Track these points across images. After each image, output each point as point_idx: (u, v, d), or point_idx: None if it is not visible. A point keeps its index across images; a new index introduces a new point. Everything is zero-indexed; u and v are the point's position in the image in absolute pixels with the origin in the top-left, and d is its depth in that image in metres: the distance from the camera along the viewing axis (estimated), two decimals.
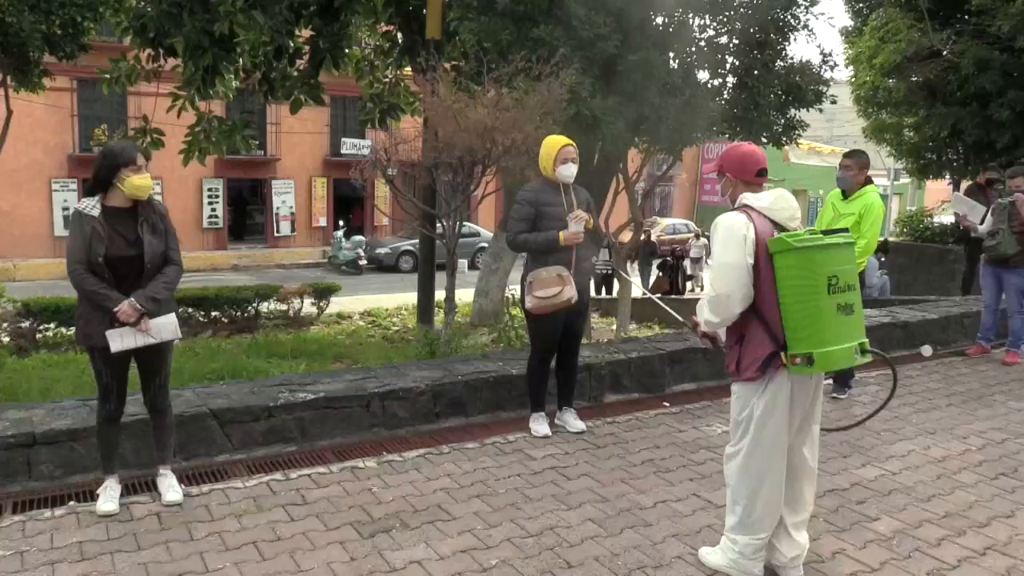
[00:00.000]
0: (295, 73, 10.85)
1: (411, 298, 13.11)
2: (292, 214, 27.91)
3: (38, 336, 10.90)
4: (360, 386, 5.17)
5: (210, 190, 26.18)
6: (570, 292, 4.81)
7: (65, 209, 23.15)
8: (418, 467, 4.51)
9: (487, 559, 3.47)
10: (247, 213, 28.17)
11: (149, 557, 3.45)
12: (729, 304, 3.15)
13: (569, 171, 4.87)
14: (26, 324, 10.88)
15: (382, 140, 8.68)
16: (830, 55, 9.92)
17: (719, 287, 3.16)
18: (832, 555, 3.55)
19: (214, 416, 4.66)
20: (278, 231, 27.74)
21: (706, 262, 21.39)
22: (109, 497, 3.90)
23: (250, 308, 12.97)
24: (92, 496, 3.99)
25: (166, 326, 3.90)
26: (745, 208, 3.24)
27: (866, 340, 3.16)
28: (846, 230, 3.31)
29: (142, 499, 4.01)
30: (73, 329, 10.81)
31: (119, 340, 3.80)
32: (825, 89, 9.73)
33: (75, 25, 10.51)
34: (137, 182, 3.77)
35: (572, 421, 5.15)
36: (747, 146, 3.43)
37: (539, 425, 5.08)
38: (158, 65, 10.86)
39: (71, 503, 3.99)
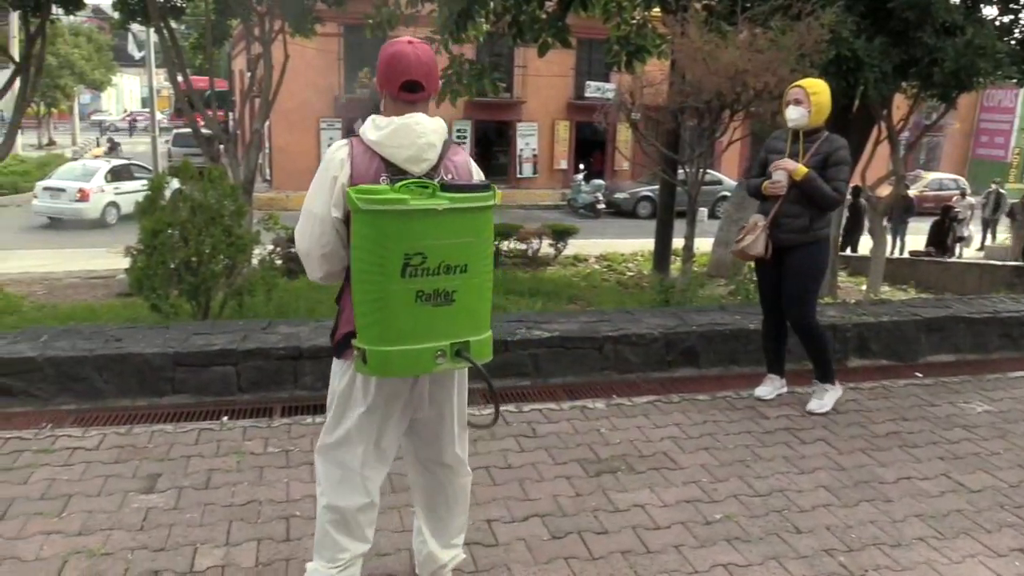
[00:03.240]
0: (544, 16, 10.94)
1: (647, 244, 13.02)
2: (535, 156, 28.54)
3: None
4: (594, 328, 5.23)
5: (459, 131, 27.31)
6: (750, 240, 4.54)
7: (330, 146, 25.18)
8: (647, 413, 4.52)
9: (711, 512, 3.43)
10: (492, 154, 29.14)
11: (392, 468, 3.71)
12: (309, 264, 2.45)
13: (790, 114, 4.47)
14: (295, 250, 12.03)
15: (627, 83, 8.58)
16: None
17: (297, 240, 2.47)
18: None
19: None
20: (520, 172, 28.50)
21: (967, 224, 19.30)
22: None
23: None
24: None
25: None
26: (355, 139, 2.41)
27: (473, 339, 2.36)
28: (478, 187, 2.36)
29: None
30: None
31: None
32: None
33: None
34: None
35: (813, 401, 4.72)
36: (401, 44, 2.39)
37: (760, 387, 4.87)
38: (416, 10, 11.39)
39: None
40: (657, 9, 10.55)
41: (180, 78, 11.10)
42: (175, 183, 6.89)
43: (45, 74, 18.46)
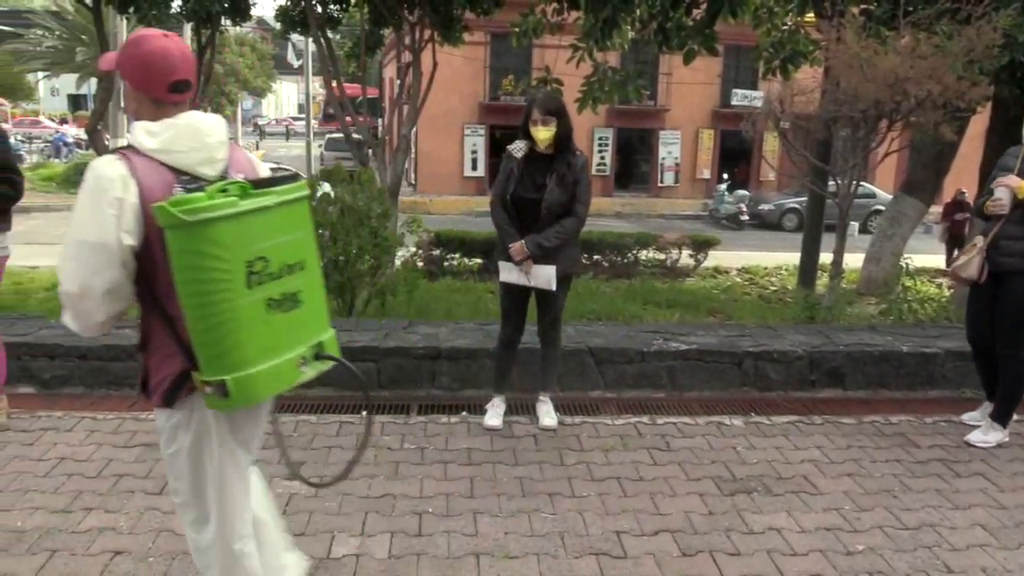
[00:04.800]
0: (691, 23, 10.74)
1: (792, 258, 12.56)
2: (677, 164, 28.11)
3: (445, 264, 12.31)
4: (733, 343, 5.10)
5: (600, 138, 27.24)
6: (963, 260, 4.28)
7: (473, 152, 25.80)
8: (786, 433, 4.35)
9: (853, 543, 3.25)
10: (633, 162, 28.90)
11: (524, 473, 3.77)
12: (85, 306, 2.00)
13: None
14: (436, 252, 12.33)
15: (776, 91, 8.30)
16: None
17: (65, 279, 1.98)
18: None
19: (591, 354, 4.92)
20: (662, 181, 28.14)
21: None
22: (495, 414, 4.33)
23: (629, 255, 13.38)
24: (481, 410, 4.45)
25: (542, 275, 4.14)
26: (128, 151, 2.02)
27: (327, 337, 2.17)
28: (289, 177, 2.13)
29: (521, 420, 4.39)
30: (475, 261, 12.06)
31: (506, 273, 4.21)
32: None
33: None
34: (539, 134, 4.09)
35: (977, 433, 4.40)
36: (158, 39, 2.07)
37: (972, 412, 4.59)
38: (562, 18, 11.43)
39: (463, 413, 4.50)
40: (810, 14, 10.17)
41: (334, 85, 11.60)
42: (326, 186, 7.18)
43: (213, 81, 19.77)
